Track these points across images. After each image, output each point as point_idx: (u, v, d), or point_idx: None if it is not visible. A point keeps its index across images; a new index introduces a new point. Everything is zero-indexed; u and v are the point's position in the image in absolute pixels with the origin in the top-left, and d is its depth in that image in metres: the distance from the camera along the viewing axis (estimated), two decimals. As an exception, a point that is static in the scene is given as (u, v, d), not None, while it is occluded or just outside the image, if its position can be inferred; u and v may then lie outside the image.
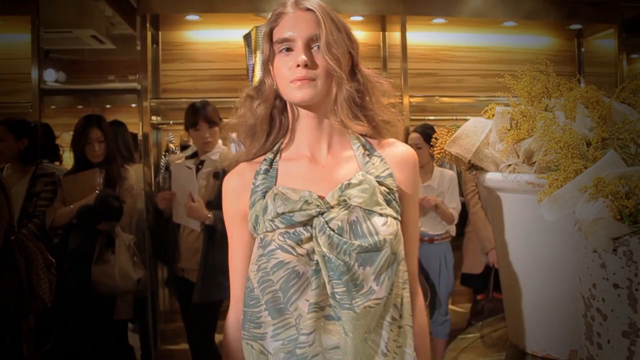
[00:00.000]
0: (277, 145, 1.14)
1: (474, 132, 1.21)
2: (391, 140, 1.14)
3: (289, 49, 1.06)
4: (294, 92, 1.05)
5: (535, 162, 1.11)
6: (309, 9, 1.06)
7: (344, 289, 0.97)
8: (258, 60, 2.99)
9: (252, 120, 1.13)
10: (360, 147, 1.10)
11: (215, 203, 2.61)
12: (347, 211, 1.01)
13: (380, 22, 3.85)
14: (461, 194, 3.21)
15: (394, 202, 1.05)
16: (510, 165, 1.18)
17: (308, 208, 1.00)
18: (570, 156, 0.97)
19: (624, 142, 1.02)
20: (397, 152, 1.12)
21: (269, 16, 1.11)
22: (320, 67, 1.04)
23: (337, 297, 0.97)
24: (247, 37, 3.11)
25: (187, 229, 2.68)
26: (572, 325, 1.09)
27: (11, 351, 2.08)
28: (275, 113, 1.13)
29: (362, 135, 1.12)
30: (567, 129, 1.02)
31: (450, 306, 3.47)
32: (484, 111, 1.29)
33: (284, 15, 1.07)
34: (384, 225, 1.01)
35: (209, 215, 2.53)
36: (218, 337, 2.78)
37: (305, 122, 1.10)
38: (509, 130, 1.16)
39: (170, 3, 3.41)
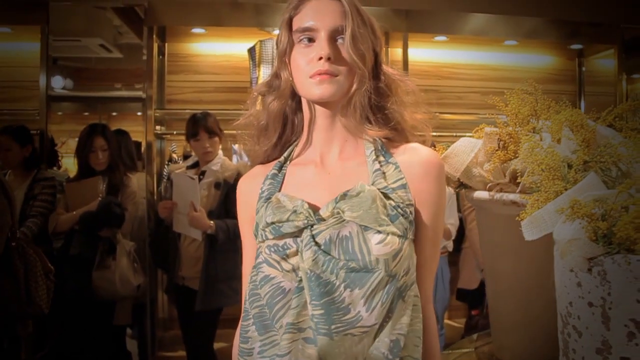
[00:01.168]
0: (290, 148, 1.05)
1: (463, 152, 1.25)
2: (412, 145, 1.01)
3: (310, 40, 0.96)
4: (312, 87, 0.95)
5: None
6: None
7: (322, 311, 0.86)
8: (261, 73, 3.05)
9: (264, 118, 1.04)
10: (373, 153, 0.98)
11: (216, 213, 2.66)
12: (339, 225, 0.90)
13: (383, 38, 3.89)
14: (459, 210, 3.24)
15: (401, 218, 0.91)
16: (497, 184, 1.22)
17: (296, 219, 0.90)
18: (552, 178, 1.01)
19: (605, 165, 1.06)
20: (416, 159, 0.98)
21: (288, 4, 1.00)
22: (344, 62, 0.95)
23: (315, 320, 0.87)
24: (251, 50, 3.17)
25: (188, 238, 2.72)
26: (553, 341, 1.12)
27: (9, 356, 2.11)
28: (288, 112, 1.05)
29: (384, 138, 1.00)
30: (549, 151, 1.05)
31: (446, 321, 3.49)
32: (474, 131, 1.32)
33: (307, 2, 0.97)
34: (379, 243, 0.88)
35: (211, 224, 2.58)
36: (216, 345, 2.82)
37: (318, 122, 1.00)
38: (496, 150, 1.20)
39: (176, 16, 3.47)
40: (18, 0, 3.44)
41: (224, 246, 2.64)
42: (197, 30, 3.65)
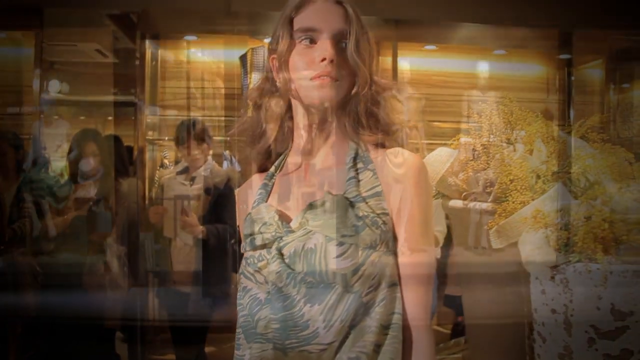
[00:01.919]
0: (281, 157, 1.03)
1: (439, 161, 1.28)
2: (393, 149, 0.96)
3: (311, 41, 0.93)
4: (312, 91, 0.92)
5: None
6: (338, 2, 0.95)
7: (278, 326, 0.86)
8: (253, 81, 3.08)
9: (261, 122, 1.01)
10: (352, 160, 0.95)
11: (207, 218, 2.70)
12: (305, 237, 0.88)
13: (376, 47, 3.91)
14: (447, 217, 3.26)
15: (369, 229, 0.87)
16: (472, 193, 1.25)
17: (266, 231, 0.90)
18: (519, 188, 1.04)
19: (574, 176, 1.09)
20: (394, 164, 0.94)
21: (288, 3, 0.98)
22: (345, 66, 0.92)
23: (273, 334, 0.87)
24: (242, 58, 3.20)
25: (180, 242, 2.76)
26: (522, 346, 1.15)
27: (-2, 357, 2.13)
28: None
29: (372, 144, 0.98)
30: (518, 162, 1.09)
31: (435, 327, 3.50)
32: (452, 140, 1.36)
33: (310, 4, 0.95)
34: (339, 256, 0.84)
35: (202, 229, 2.62)
36: (207, 349, 2.84)
37: (309, 128, 0.98)
38: (470, 160, 1.23)
39: (169, 23, 3.51)
40: (13, 6, 3.46)
41: (215, 250, 2.68)
42: (189, 37, 3.68)
